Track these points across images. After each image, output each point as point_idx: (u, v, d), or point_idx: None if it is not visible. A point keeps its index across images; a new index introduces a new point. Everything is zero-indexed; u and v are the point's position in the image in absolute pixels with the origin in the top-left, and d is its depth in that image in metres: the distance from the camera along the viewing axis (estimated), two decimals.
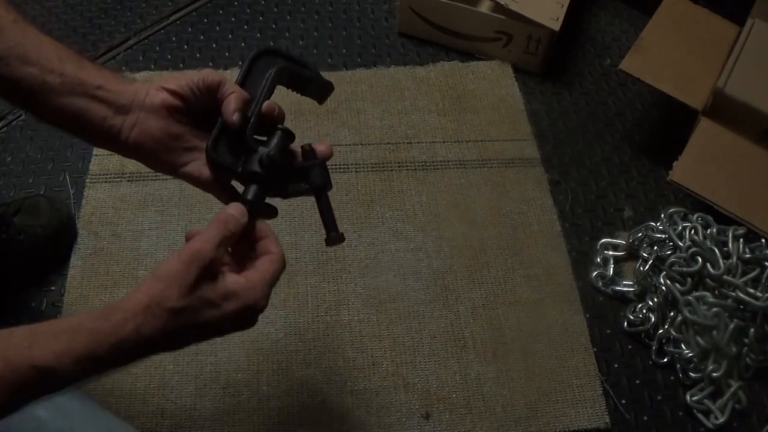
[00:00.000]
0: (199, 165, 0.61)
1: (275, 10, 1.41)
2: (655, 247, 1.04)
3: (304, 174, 0.63)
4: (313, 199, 0.65)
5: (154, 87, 0.59)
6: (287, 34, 1.37)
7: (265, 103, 0.61)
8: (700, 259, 0.99)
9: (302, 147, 0.64)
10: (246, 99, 0.60)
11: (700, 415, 0.94)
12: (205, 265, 0.51)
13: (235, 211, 0.57)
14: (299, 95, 0.69)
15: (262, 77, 0.63)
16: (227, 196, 0.63)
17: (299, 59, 0.66)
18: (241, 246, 0.58)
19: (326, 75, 0.72)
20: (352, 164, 1.15)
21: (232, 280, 0.54)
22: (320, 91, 0.70)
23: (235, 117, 0.58)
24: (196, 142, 0.61)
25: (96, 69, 0.58)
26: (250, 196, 0.60)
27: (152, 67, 1.29)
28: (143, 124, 0.58)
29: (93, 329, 0.48)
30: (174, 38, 1.35)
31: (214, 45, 1.34)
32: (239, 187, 0.63)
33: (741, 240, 1.00)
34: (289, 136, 0.62)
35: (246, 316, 0.56)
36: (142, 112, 0.58)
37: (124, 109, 0.58)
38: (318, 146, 0.63)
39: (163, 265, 0.51)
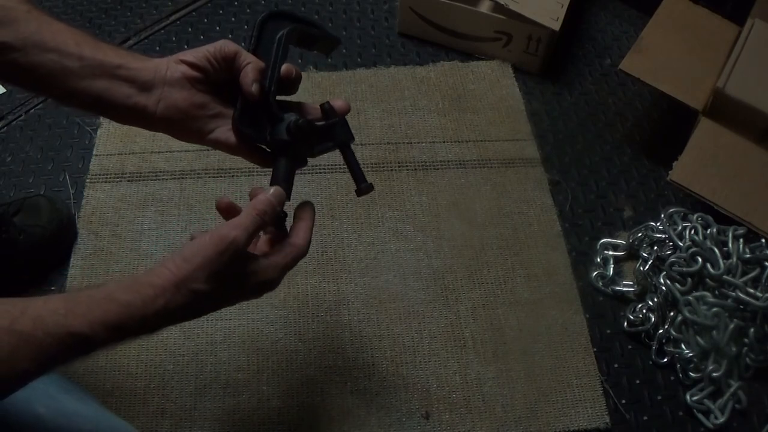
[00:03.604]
0: (224, 131, 0.63)
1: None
2: (655, 247, 1.04)
3: (328, 132, 0.65)
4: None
5: (173, 61, 0.61)
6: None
7: (283, 68, 0.63)
8: (700, 259, 0.99)
9: (321, 106, 0.65)
10: (262, 68, 0.61)
11: (700, 415, 0.94)
12: (237, 254, 0.54)
13: (275, 198, 0.59)
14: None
15: (272, 41, 0.64)
16: (256, 157, 0.65)
17: (305, 18, 0.67)
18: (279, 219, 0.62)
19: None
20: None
21: (254, 263, 0.57)
22: (327, 47, 0.71)
23: (253, 88, 0.60)
24: (219, 108, 0.63)
25: (113, 49, 0.60)
26: (282, 175, 0.62)
27: None
28: (168, 98, 0.60)
29: (125, 302, 0.51)
30: (174, 38, 1.35)
31: None
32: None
33: (741, 240, 1.00)
34: (300, 116, 0.63)
35: (257, 291, 0.59)
36: (166, 87, 0.60)
37: (147, 85, 0.59)
38: (335, 102, 0.65)
39: (195, 246, 0.54)
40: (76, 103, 0.59)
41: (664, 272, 1.01)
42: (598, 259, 1.08)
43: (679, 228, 1.04)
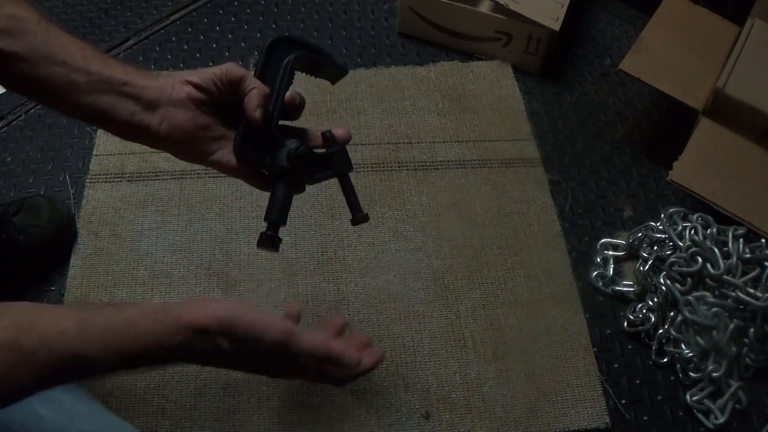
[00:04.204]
0: (227, 152, 0.63)
1: (275, 10, 1.41)
2: (655, 247, 1.04)
3: (328, 161, 0.66)
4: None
5: (179, 81, 0.61)
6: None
7: (287, 95, 0.64)
8: (700, 259, 0.99)
9: (323, 134, 0.66)
10: (267, 94, 0.62)
11: (700, 415, 0.94)
12: (284, 351, 0.55)
13: (347, 358, 0.58)
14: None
15: (279, 66, 0.64)
16: (256, 181, 0.66)
17: (313, 45, 0.67)
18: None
19: None
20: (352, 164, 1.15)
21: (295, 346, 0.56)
22: (334, 75, 0.71)
23: (257, 114, 0.60)
24: (223, 131, 0.63)
25: (120, 66, 0.60)
26: (279, 201, 0.63)
27: (152, 67, 1.29)
28: (173, 118, 0.60)
29: (144, 332, 0.49)
30: (174, 38, 1.35)
31: (214, 45, 1.34)
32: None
33: (741, 240, 1.00)
34: (301, 143, 0.64)
35: (282, 373, 0.59)
36: (170, 107, 0.60)
37: (152, 104, 0.60)
38: (337, 131, 0.66)
39: (253, 317, 0.53)
40: (80, 116, 0.60)
41: (664, 272, 1.01)
42: (598, 259, 1.08)
43: (679, 228, 1.04)
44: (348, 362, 0.58)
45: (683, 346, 0.97)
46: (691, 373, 0.96)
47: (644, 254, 1.04)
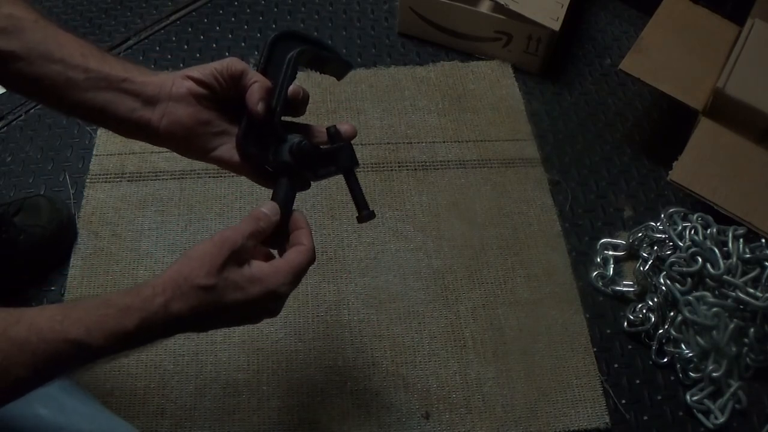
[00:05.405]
0: (229, 148, 0.63)
1: (275, 10, 1.41)
2: (655, 247, 1.04)
3: (332, 156, 0.65)
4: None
5: (179, 76, 0.60)
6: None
7: (290, 89, 0.63)
8: (700, 259, 0.99)
9: (327, 129, 0.65)
10: (269, 88, 0.61)
11: (700, 415, 0.94)
12: (235, 250, 0.54)
13: (268, 209, 0.59)
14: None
15: (282, 61, 0.63)
16: (259, 177, 0.65)
17: (317, 40, 0.67)
18: (278, 236, 0.61)
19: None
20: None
21: (258, 266, 0.56)
22: (339, 71, 0.71)
23: (259, 107, 0.60)
24: (225, 126, 0.62)
25: (119, 62, 0.60)
26: (281, 196, 0.62)
27: (152, 66, 1.29)
28: (173, 114, 0.59)
29: (122, 304, 0.50)
30: (174, 38, 1.35)
31: (214, 45, 1.34)
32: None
33: (741, 240, 1.00)
34: (303, 139, 0.63)
35: (269, 302, 0.58)
36: (170, 102, 0.59)
37: (152, 100, 0.59)
38: (342, 126, 0.65)
39: (195, 247, 0.54)
40: (79, 114, 0.59)
41: (664, 272, 1.01)
42: (598, 259, 1.08)
43: (679, 228, 1.04)
44: (269, 210, 0.60)
45: (683, 346, 0.97)
46: (691, 373, 0.96)
47: (644, 254, 1.04)
